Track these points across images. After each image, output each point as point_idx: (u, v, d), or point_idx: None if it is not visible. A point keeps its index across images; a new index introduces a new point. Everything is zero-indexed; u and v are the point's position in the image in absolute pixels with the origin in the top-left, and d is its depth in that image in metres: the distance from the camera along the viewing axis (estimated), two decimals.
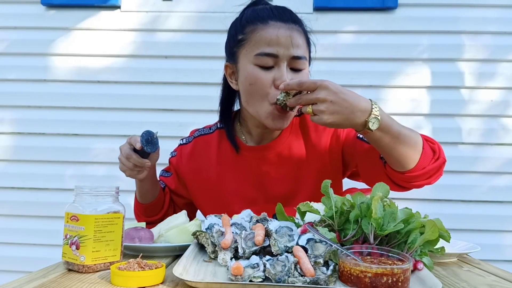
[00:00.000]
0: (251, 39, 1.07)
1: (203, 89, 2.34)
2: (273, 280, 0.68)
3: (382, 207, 0.79)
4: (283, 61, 1.04)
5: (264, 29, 1.05)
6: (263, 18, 1.06)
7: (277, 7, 1.10)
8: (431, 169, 1.02)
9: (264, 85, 1.05)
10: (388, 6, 2.29)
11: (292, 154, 1.19)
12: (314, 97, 0.90)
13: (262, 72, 1.05)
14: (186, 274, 0.71)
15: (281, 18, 1.06)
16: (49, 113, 2.37)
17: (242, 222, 0.90)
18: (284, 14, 1.07)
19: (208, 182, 1.23)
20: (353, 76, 2.31)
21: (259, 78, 1.05)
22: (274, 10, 1.08)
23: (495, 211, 2.25)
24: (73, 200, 0.81)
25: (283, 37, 1.03)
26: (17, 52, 2.39)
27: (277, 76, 1.04)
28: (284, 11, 1.09)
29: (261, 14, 1.08)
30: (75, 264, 0.77)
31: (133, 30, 2.37)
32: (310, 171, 1.18)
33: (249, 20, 1.09)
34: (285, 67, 1.04)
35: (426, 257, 0.79)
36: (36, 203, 2.34)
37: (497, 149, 2.28)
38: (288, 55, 1.04)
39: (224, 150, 1.23)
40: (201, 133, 1.29)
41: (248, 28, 1.08)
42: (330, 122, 0.90)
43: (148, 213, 1.27)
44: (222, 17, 2.36)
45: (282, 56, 1.04)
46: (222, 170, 1.22)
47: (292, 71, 1.06)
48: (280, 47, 1.03)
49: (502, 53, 2.30)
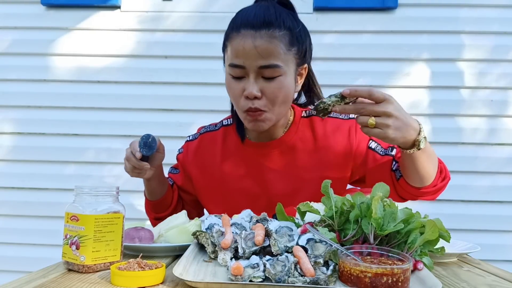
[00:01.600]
0: (227, 48, 1.09)
1: (203, 89, 2.34)
2: (273, 280, 0.68)
3: (382, 207, 0.79)
4: (251, 72, 1.04)
5: (236, 39, 1.05)
6: (237, 26, 1.06)
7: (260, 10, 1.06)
8: (440, 186, 1.09)
9: (235, 95, 1.09)
10: (388, 6, 2.29)
11: (297, 154, 1.19)
12: (382, 110, 0.89)
13: (234, 82, 1.08)
14: (186, 274, 0.70)
15: (253, 25, 1.04)
16: (49, 113, 2.37)
17: (242, 222, 0.90)
18: (257, 19, 1.04)
19: (212, 177, 1.25)
20: (353, 76, 2.32)
21: (231, 88, 1.09)
22: (251, 15, 1.06)
23: (495, 211, 2.25)
24: (73, 200, 0.81)
25: (249, 48, 1.02)
26: (17, 52, 2.39)
27: (246, 87, 1.06)
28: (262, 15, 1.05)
29: (237, 21, 1.08)
30: (75, 264, 0.77)
31: (133, 30, 2.37)
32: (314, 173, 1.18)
33: (230, 27, 1.10)
34: (252, 77, 1.05)
35: (426, 257, 0.79)
36: (36, 203, 2.34)
37: (497, 149, 2.28)
38: (255, 66, 1.03)
39: (229, 146, 1.25)
40: (207, 130, 1.31)
41: (228, 35, 1.09)
42: (393, 138, 0.91)
43: (157, 209, 1.29)
44: (222, 17, 2.37)
45: (248, 67, 1.04)
46: (226, 166, 1.23)
47: (264, 79, 1.05)
48: (246, 58, 1.03)
49: (502, 53, 2.30)
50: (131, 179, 2.45)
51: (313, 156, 1.19)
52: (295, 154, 1.19)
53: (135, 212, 2.21)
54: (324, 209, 0.87)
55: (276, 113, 1.09)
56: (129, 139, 2.46)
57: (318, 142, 1.19)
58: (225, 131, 1.27)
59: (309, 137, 1.20)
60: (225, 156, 1.24)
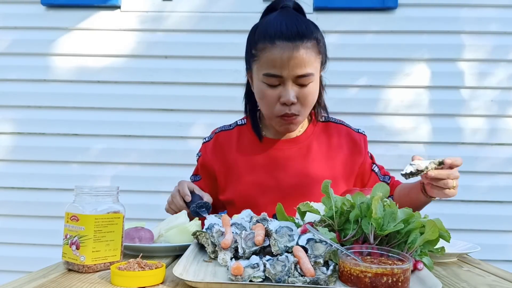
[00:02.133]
0: (260, 58, 1.15)
1: (203, 89, 2.34)
2: (273, 280, 0.68)
3: (382, 207, 0.79)
4: (288, 80, 1.13)
5: (271, 50, 1.12)
6: (271, 37, 1.12)
7: (289, 21, 1.14)
8: None
9: (270, 102, 1.16)
10: (388, 6, 2.29)
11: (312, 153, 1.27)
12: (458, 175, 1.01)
13: (269, 90, 1.15)
14: (186, 274, 0.70)
15: (288, 37, 1.11)
16: (49, 113, 2.37)
17: (242, 222, 0.90)
18: (291, 31, 1.11)
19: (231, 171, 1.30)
20: (353, 76, 2.32)
21: (266, 95, 1.16)
22: (284, 26, 1.12)
23: (495, 211, 2.25)
24: (73, 200, 0.81)
25: (287, 59, 1.10)
26: (17, 52, 2.39)
27: (282, 94, 1.14)
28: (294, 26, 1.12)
29: (269, 32, 1.13)
30: (75, 264, 0.77)
31: (133, 30, 2.37)
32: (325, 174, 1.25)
33: (260, 37, 1.15)
34: (290, 85, 1.13)
35: (426, 257, 0.79)
36: (36, 203, 2.34)
37: (497, 149, 2.28)
38: (292, 75, 1.12)
39: (244, 143, 1.31)
40: (221, 129, 1.37)
41: (259, 45, 1.15)
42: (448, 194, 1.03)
43: None
44: (222, 17, 2.37)
45: (286, 76, 1.12)
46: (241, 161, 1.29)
47: (299, 86, 1.14)
48: (284, 68, 1.11)
49: (502, 53, 2.30)
50: (131, 179, 2.45)
51: (326, 159, 1.27)
52: (310, 153, 1.27)
53: (135, 212, 2.21)
54: (324, 209, 0.87)
55: (305, 115, 1.21)
56: (129, 139, 2.48)
57: (332, 148, 1.29)
58: (239, 130, 1.34)
59: (325, 141, 1.30)
60: (241, 152, 1.30)
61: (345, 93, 2.30)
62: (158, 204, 2.38)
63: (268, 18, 1.18)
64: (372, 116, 2.30)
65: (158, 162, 2.32)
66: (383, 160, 2.24)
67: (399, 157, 2.27)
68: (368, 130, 2.29)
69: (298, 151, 1.27)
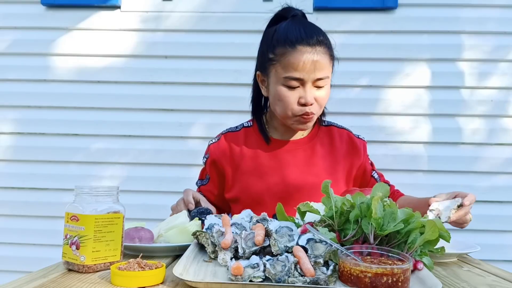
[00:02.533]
0: (280, 62, 1.21)
1: (203, 89, 2.34)
2: (273, 280, 0.68)
3: (382, 207, 0.79)
4: (308, 83, 1.19)
5: (293, 54, 1.18)
6: (292, 42, 1.19)
7: (306, 28, 1.22)
8: None
9: (290, 103, 1.21)
10: (388, 6, 2.29)
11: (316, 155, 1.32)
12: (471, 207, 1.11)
13: (289, 92, 1.21)
14: (186, 274, 0.71)
15: (308, 42, 1.18)
16: (49, 113, 2.37)
17: (242, 222, 0.90)
18: (311, 37, 1.19)
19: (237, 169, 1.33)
20: (353, 76, 2.32)
21: (286, 96, 1.21)
22: (303, 32, 1.20)
23: (495, 211, 2.25)
24: (73, 200, 0.81)
25: (308, 63, 1.17)
26: (17, 52, 2.39)
27: (302, 95, 1.20)
28: (312, 33, 1.21)
29: (290, 37, 1.20)
30: (75, 264, 0.77)
31: (133, 30, 2.37)
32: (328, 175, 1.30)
33: (280, 41, 1.21)
34: (309, 87, 1.20)
35: (426, 257, 0.79)
36: (36, 203, 2.34)
37: (497, 149, 2.28)
38: (313, 78, 1.19)
39: (251, 144, 1.35)
40: (228, 130, 1.41)
41: (278, 49, 1.21)
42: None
43: None
44: (222, 17, 2.37)
45: (307, 79, 1.19)
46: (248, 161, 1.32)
47: (316, 88, 1.21)
48: (305, 72, 1.18)
49: (502, 53, 2.30)
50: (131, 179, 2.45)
51: (329, 162, 1.33)
52: (314, 155, 1.32)
53: (135, 212, 2.21)
54: (324, 209, 0.87)
55: (319, 114, 1.28)
56: (129, 139, 2.48)
57: (335, 151, 1.35)
58: (246, 131, 1.38)
59: (328, 144, 1.36)
60: (248, 152, 1.34)
61: (345, 93, 2.30)
62: (158, 204, 2.39)
63: (284, 25, 1.25)
64: (372, 116, 2.30)
65: (158, 162, 2.32)
66: (383, 160, 2.25)
67: (399, 157, 2.27)
68: (368, 130, 2.31)
69: (303, 152, 1.32)
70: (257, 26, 2.46)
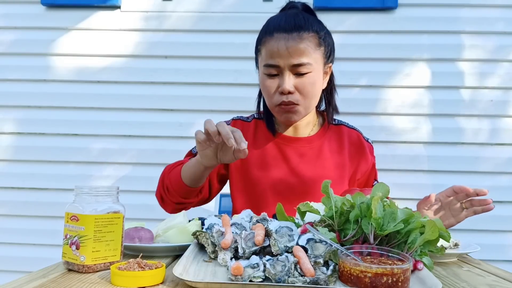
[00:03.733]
0: (262, 51, 1.21)
1: (203, 89, 2.34)
2: (273, 280, 0.68)
3: (382, 207, 0.79)
4: (285, 70, 1.17)
5: (270, 42, 1.17)
6: (270, 31, 1.18)
7: (289, 17, 1.19)
8: None
9: (270, 91, 1.20)
10: (388, 6, 2.29)
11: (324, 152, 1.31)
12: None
13: (269, 80, 1.20)
14: (186, 274, 0.70)
15: (285, 29, 1.16)
16: (49, 113, 2.37)
17: (242, 222, 0.90)
18: (289, 24, 1.16)
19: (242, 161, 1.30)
20: (353, 76, 2.32)
21: (266, 85, 1.20)
22: (283, 20, 1.18)
23: (495, 211, 2.23)
24: (73, 200, 0.81)
25: (282, 49, 1.15)
26: (17, 52, 2.39)
27: (280, 83, 1.18)
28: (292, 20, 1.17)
29: (270, 26, 1.20)
30: (75, 264, 0.77)
31: (133, 30, 2.37)
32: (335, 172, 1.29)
33: (262, 32, 1.22)
34: (287, 75, 1.17)
35: (426, 257, 0.79)
36: (36, 203, 2.34)
37: (497, 149, 2.28)
38: (288, 64, 1.16)
39: (260, 137, 1.33)
40: (239, 118, 1.39)
41: (262, 40, 1.21)
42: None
43: (189, 195, 1.22)
44: (222, 17, 2.37)
45: (283, 66, 1.16)
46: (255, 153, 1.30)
47: (297, 75, 1.17)
48: (280, 58, 1.15)
49: (502, 53, 2.30)
50: (131, 179, 2.44)
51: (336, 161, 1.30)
52: (321, 154, 1.30)
53: (135, 212, 2.21)
54: (324, 209, 0.87)
55: (306, 106, 1.21)
56: (129, 139, 2.48)
57: (342, 150, 1.32)
58: (256, 123, 1.36)
59: (336, 143, 1.34)
60: (255, 145, 1.32)
61: (345, 93, 2.30)
62: (158, 204, 2.38)
63: (272, 16, 1.25)
64: (372, 116, 2.30)
65: (158, 162, 2.32)
66: (383, 160, 2.25)
67: (399, 157, 2.27)
68: (368, 130, 2.30)
69: (309, 150, 1.30)
70: (257, 26, 2.46)
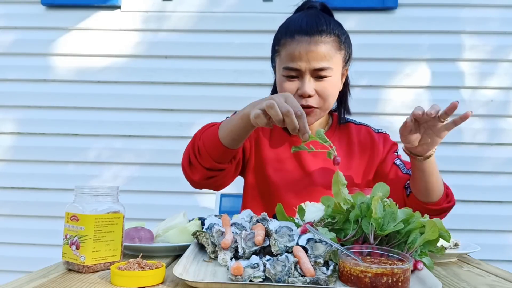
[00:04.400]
0: (281, 53, 1.20)
1: (203, 89, 2.34)
2: (273, 280, 0.68)
3: (382, 207, 0.79)
4: (306, 73, 1.16)
5: (291, 44, 1.16)
6: (291, 32, 1.17)
7: (310, 18, 1.18)
8: (445, 208, 1.18)
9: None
10: (388, 6, 2.29)
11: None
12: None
13: (288, 83, 1.19)
14: (186, 274, 0.70)
15: (307, 32, 1.15)
16: (49, 113, 2.37)
17: (242, 222, 0.90)
18: (311, 27, 1.16)
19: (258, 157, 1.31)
20: (353, 76, 2.31)
21: (285, 87, 1.19)
22: (304, 22, 1.17)
23: (495, 211, 2.25)
24: (73, 200, 0.81)
25: (304, 53, 1.14)
26: (17, 52, 2.39)
27: (300, 86, 1.17)
28: (314, 23, 1.17)
29: (290, 28, 1.18)
30: (75, 264, 0.77)
31: (133, 30, 2.37)
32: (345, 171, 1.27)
33: (282, 33, 1.20)
34: (307, 78, 1.16)
35: (426, 257, 0.79)
36: (36, 203, 2.34)
37: (497, 149, 2.28)
38: (310, 68, 1.15)
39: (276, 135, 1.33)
40: None
41: (281, 41, 1.20)
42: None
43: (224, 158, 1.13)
44: (222, 17, 2.37)
45: (304, 69, 1.16)
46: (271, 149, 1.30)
47: (317, 79, 1.17)
48: (302, 61, 1.15)
49: (502, 53, 2.30)
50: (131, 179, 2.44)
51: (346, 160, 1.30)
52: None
53: (135, 212, 2.21)
54: (324, 209, 0.87)
55: (325, 109, 1.22)
56: (129, 139, 2.48)
57: (352, 148, 1.32)
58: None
59: (345, 141, 1.34)
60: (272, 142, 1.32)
61: None
62: (158, 204, 2.39)
63: (291, 17, 1.24)
64: (372, 116, 2.30)
65: (158, 162, 2.32)
66: None
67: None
68: None
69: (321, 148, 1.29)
70: (257, 26, 2.48)
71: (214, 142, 1.08)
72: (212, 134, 1.09)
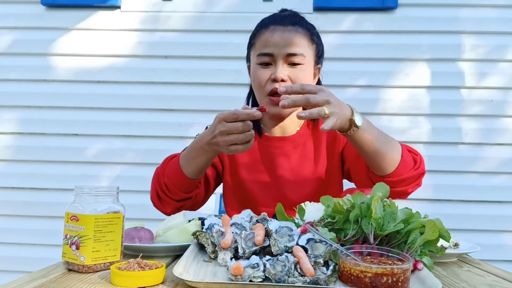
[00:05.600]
0: (256, 43, 1.23)
1: (203, 89, 2.34)
2: (273, 280, 0.68)
3: (382, 207, 0.79)
4: (279, 59, 1.19)
5: (265, 33, 1.21)
6: (266, 24, 1.22)
7: (284, 14, 1.25)
8: (409, 177, 1.10)
9: (261, 80, 1.21)
10: (388, 6, 2.29)
11: (307, 150, 1.31)
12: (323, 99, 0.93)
13: (262, 70, 1.21)
14: (186, 274, 0.70)
15: (281, 22, 1.21)
16: (49, 113, 2.37)
17: (242, 222, 0.90)
18: (285, 19, 1.21)
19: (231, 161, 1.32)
20: (353, 76, 2.32)
21: (259, 74, 1.21)
22: (279, 16, 1.23)
23: (495, 211, 2.25)
24: (73, 200, 0.81)
25: (277, 38, 1.18)
26: (17, 52, 2.39)
27: (273, 71, 1.19)
28: (287, 16, 1.23)
29: (266, 21, 1.24)
30: (75, 264, 0.77)
31: (133, 30, 2.37)
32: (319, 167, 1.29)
33: (258, 27, 1.25)
34: (280, 63, 1.19)
35: (426, 257, 0.79)
36: (36, 203, 2.34)
37: (496, 149, 2.28)
38: (283, 53, 1.18)
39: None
40: None
41: (256, 34, 1.24)
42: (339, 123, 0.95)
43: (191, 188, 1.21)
44: (221, 17, 2.37)
45: (277, 54, 1.18)
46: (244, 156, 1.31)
47: (290, 66, 1.19)
48: (275, 46, 1.18)
49: (502, 53, 2.30)
50: (131, 179, 2.44)
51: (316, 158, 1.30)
52: (304, 152, 1.30)
53: (135, 212, 2.21)
54: (324, 209, 0.87)
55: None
56: (129, 139, 2.48)
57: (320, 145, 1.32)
58: None
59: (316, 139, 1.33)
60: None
61: (345, 93, 2.30)
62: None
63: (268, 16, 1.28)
64: (372, 116, 2.30)
65: (158, 162, 2.31)
66: None
67: None
68: None
69: (292, 149, 1.30)
70: None
71: (179, 176, 1.15)
72: (176, 169, 1.15)
